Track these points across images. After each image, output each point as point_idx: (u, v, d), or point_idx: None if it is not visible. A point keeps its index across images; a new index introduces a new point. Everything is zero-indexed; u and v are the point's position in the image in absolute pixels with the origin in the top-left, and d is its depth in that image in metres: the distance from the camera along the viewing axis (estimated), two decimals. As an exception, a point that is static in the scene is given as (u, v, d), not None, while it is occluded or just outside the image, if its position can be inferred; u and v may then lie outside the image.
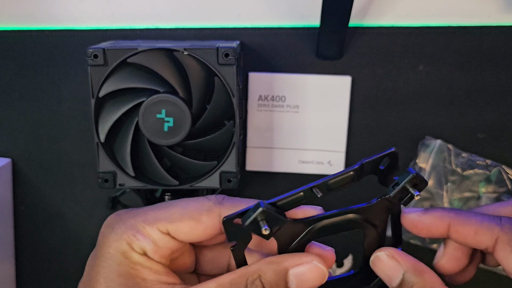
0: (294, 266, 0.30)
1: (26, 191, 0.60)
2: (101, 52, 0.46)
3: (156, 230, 0.31)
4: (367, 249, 0.32)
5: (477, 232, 0.30)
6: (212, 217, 0.32)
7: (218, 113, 0.49)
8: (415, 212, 0.32)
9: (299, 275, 0.29)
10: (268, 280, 0.29)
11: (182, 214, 0.31)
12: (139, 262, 0.31)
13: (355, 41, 0.55)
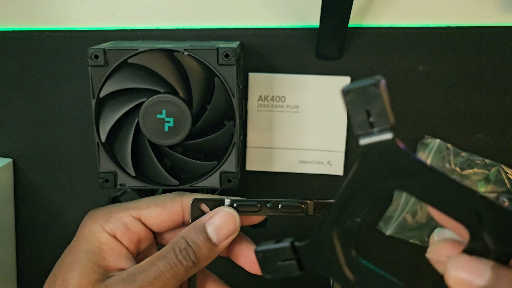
0: (208, 219, 0.34)
1: (27, 191, 0.60)
2: (101, 52, 0.46)
3: (128, 215, 0.37)
4: None
5: None
6: (175, 204, 0.38)
7: (218, 113, 0.49)
8: None
9: (213, 224, 0.34)
10: (191, 237, 0.33)
11: (150, 203, 0.38)
12: (107, 243, 0.35)
13: (354, 41, 0.55)
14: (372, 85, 0.23)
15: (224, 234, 0.34)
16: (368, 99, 0.23)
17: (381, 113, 0.23)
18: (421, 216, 0.56)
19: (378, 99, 0.23)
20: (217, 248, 0.34)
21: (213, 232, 0.34)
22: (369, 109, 0.23)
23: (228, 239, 0.34)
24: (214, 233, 0.34)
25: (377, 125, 0.23)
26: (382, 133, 0.24)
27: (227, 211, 0.35)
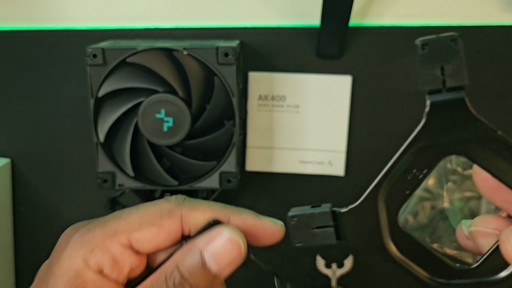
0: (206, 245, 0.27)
1: (25, 192, 0.60)
2: (100, 51, 0.46)
3: (116, 243, 0.28)
4: None
5: None
6: (174, 220, 0.29)
7: (218, 113, 0.49)
8: None
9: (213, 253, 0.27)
10: (186, 267, 0.27)
11: (142, 221, 0.29)
12: (92, 281, 0.28)
13: (355, 40, 0.55)
14: (452, 40, 0.22)
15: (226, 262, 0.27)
16: (445, 54, 0.22)
17: (456, 70, 0.22)
18: (423, 217, 0.56)
19: (456, 55, 0.22)
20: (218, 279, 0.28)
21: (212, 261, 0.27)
22: (444, 65, 0.22)
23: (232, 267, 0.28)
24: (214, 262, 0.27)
25: (450, 83, 0.23)
26: (453, 92, 0.23)
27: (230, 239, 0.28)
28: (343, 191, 0.58)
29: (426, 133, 0.24)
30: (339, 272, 0.59)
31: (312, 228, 0.26)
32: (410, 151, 0.24)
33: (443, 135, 0.23)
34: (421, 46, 0.23)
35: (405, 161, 0.24)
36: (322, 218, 0.26)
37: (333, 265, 0.59)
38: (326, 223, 0.26)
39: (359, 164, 0.57)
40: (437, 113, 0.23)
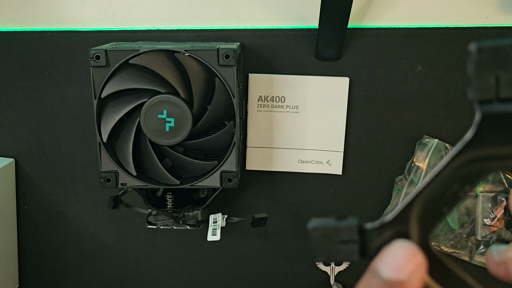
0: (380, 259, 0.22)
1: (28, 191, 0.60)
2: (103, 53, 0.47)
3: None
4: None
5: None
6: None
7: (219, 114, 0.49)
8: None
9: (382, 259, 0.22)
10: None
11: None
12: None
13: (353, 42, 0.55)
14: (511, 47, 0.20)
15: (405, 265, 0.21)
16: (502, 61, 0.20)
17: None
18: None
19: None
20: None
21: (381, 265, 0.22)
22: (499, 74, 0.20)
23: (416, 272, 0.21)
24: (383, 266, 0.21)
25: (505, 93, 0.20)
26: (506, 103, 0.20)
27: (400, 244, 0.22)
28: (341, 190, 0.58)
29: (474, 146, 0.21)
30: (337, 269, 0.60)
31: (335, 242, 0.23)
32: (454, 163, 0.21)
33: (493, 148, 0.21)
34: (477, 51, 0.20)
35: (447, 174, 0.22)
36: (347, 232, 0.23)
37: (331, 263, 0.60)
38: (351, 238, 0.23)
39: (357, 163, 0.58)
40: (488, 125, 0.21)
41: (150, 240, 0.61)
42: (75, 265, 0.62)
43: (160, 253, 0.62)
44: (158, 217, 0.54)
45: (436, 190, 0.22)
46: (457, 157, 0.21)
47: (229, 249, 0.61)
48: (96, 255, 0.62)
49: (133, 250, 0.61)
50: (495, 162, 0.21)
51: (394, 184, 0.58)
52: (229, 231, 0.59)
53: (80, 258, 0.62)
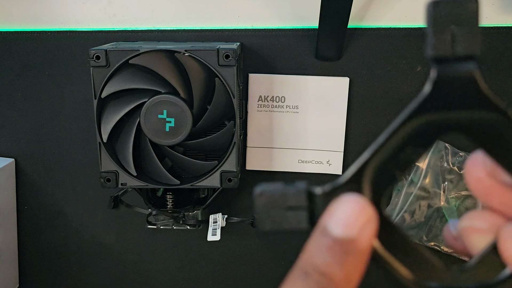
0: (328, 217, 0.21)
1: (29, 191, 0.60)
2: (103, 53, 0.47)
3: None
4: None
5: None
6: None
7: (219, 114, 0.49)
8: None
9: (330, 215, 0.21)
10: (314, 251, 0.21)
11: None
12: None
13: (353, 42, 0.55)
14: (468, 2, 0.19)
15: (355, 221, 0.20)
16: (458, 17, 0.19)
17: (470, 37, 0.19)
18: (420, 215, 0.56)
19: (471, 20, 0.19)
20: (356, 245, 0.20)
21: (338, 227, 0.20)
22: (456, 30, 0.19)
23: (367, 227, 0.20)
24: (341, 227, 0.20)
25: (461, 50, 0.19)
26: (463, 62, 0.20)
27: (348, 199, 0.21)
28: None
29: (428, 106, 0.20)
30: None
31: (283, 209, 0.21)
32: (408, 125, 0.21)
33: (447, 109, 0.20)
34: (433, 4, 0.20)
35: (401, 136, 0.21)
36: (295, 198, 0.21)
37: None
38: (299, 204, 0.21)
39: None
40: (443, 85, 0.20)
41: (150, 240, 0.61)
42: (75, 265, 0.62)
43: (160, 253, 0.62)
44: (158, 217, 0.54)
45: (388, 153, 0.21)
46: (410, 119, 0.20)
47: (229, 249, 0.61)
48: (96, 255, 0.62)
49: (133, 250, 0.61)
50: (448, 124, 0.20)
51: (394, 184, 0.58)
52: (229, 231, 0.59)
53: (80, 258, 0.62)
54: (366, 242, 0.20)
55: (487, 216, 0.22)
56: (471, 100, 0.20)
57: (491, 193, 0.21)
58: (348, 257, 0.20)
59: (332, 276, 0.19)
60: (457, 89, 0.20)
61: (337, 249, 0.20)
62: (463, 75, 0.20)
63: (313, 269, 0.20)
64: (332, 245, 0.20)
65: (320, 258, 0.20)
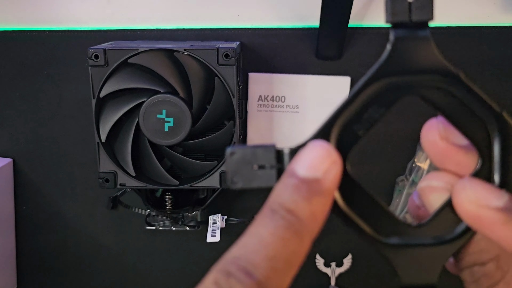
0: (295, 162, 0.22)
1: (26, 191, 0.60)
2: (101, 52, 0.46)
3: None
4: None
5: None
6: None
7: (218, 113, 0.49)
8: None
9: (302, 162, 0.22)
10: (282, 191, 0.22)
11: None
12: None
13: (354, 41, 0.55)
14: None
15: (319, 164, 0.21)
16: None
17: (424, 4, 0.21)
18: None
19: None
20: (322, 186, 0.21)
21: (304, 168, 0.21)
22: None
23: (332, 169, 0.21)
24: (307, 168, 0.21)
25: (416, 16, 0.21)
26: (418, 28, 0.22)
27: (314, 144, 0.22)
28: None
29: (386, 69, 0.22)
30: (338, 271, 0.60)
31: (252, 167, 0.22)
32: (369, 87, 0.22)
33: (404, 73, 0.22)
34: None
35: (363, 97, 0.22)
36: (264, 156, 0.22)
37: (332, 264, 0.60)
38: (269, 163, 0.22)
39: (358, 163, 0.57)
40: (400, 49, 0.22)
41: (149, 241, 0.61)
42: (74, 266, 0.62)
43: (159, 254, 0.61)
44: (157, 218, 0.53)
45: (353, 113, 0.23)
46: (371, 82, 0.22)
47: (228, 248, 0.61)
48: (95, 256, 0.61)
49: (132, 251, 0.61)
50: (406, 87, 0.22)
51: (395, 185, 0.58)
52: (229, 232, 0.59)
53: (78, 259, 0.62)
54: (331, 183, 0.21)
55: (443, 176, 0.23)
56: (426, 64, 0.22)
57: (445, 155, 0.23)
58: (314, 196, 0.21)
59: (298, 213, 0.20)
60: (413, 54, 0.22)
61: (303, 188, 0.21)
62: (418, 39, 0.22)
63: (280, 206, 0.20)
64: (298, 185, 0.21)
65: (287, 197, 0.21)
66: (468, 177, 0.22)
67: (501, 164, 0.22)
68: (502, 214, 0.20)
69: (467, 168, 0.22)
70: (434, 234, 0.22)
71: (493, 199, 0.20)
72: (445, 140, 0.23)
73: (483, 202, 0.20)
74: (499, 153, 0.21)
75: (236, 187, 0.22)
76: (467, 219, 0.21)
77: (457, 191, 0.21)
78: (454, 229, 0.22)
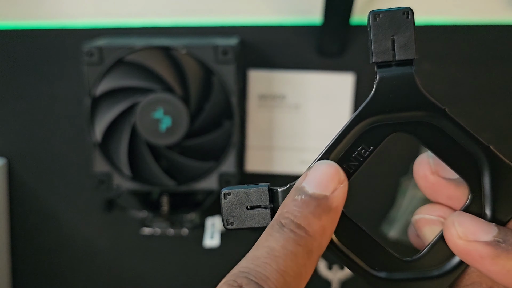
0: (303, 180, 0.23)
1: (21, 193, 0.59)
2: (97, 50, 0.46)
3: None
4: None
5: None
6: None
7: (217, 112, 0.48)
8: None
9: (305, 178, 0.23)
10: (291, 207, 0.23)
11: None
12: None
13: (357, 37, 0.54)
14: (404, 13, 0.22)
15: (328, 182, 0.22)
16: (396, 26, 0.22)
17: (407, 44, 0.22)
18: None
19: (407, 28, 0.22)
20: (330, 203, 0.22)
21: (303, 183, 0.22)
22: (395, 38, 0.22)
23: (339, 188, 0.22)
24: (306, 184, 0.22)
25: (400, 55, 0.22)
26: (402, 66, 0.22)
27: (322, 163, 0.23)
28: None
29: (373, 108, 0.23)
30: (340, 274, 0.59)
31: (246, 207, 0.23)
32: (357, 126, 0.23)
33: (391, 111, 0.23)
34: (373, 16, 0.23)
35: (352, 136, 0.23)
36: (258, 197, 0.23)
37: (334, 267, 0.59)
38: (262, 203, 0.23)
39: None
40: (385, 88, 0.22)
41: (145, 244, 0.60)
42: (68, 270, 0.61)
43: (155, 258, 0.61)
44: (153, 221, 0.53)
45: (343, 151, 0.23)
46: (358, 120, 0.23)
47: (227, 254, 0.60)
48: (90, 259, 0.61)
49: (128, 255, 0.61)
50: (394, 125, 0.23)
51: (399, 185, 0.57)
52: (227, 235, 0.58)
53: (73, 263, 0.61)
54: (339, 201, 0.22)
55: (436, 208, 0.24)
56: (412, 101, 0.22)
57: (437, 188, 0.24)
58: (323, 212, 0.21)
59: (307, 228, 0.21)
60: (399, 92, 0.22)
61: (313, 204, 0.21)
62: (402, 78, 0.22)
63: (290, 221, 0.21)
64: (308, 200, 0.21)
65: (296, 212, 0.21)
66: (458, 212, 0.22)
67: (491, 198, 0.22)
68: (491, 248, 0.20)
69: (458, 201, 0.23)
70: (428, 267, 0.23)
71: (482, 233, 0.21)
72: (435, 174, 0.24)
73: (472, 237, 0.21)
74: (490, 186, 0.22)
75: (231, 228, 0.23)
76: (458, 254, 0.22)
77: (447, 226, 0.22)
78: (448, 262, 0.22)
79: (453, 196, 0.23)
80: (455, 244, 0.21)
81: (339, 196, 0.22)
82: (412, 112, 0.22)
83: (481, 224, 0.21)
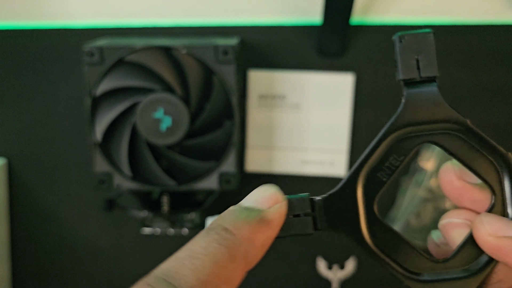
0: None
1: (21, 192, 0.59)
2: (97, 50, 0.46)
3: None
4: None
5: None
6: None
7: (217, 112, 0.48)
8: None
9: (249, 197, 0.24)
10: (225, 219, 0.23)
11: None
12: None
13: (357, 37, 0.54)
14: (426, 34, 0.25)
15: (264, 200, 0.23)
16: (420, 47, 0.25)
17: (430, 63, 0.25)
18: (425, 218, 0.56)
19: (429, 49, 0.25)
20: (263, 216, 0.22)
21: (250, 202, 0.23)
22: (419, 57, 0.25)
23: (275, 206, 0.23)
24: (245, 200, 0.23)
25: (424, 73, 0.25)
26: (427, 84, 0.25)
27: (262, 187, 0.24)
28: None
29: (402, 122, 0.25)
30: (340, 274, 0.59)
31: (289, 216, 0.25)
32: (387, 139, 0.25)
33: (418, 124, 0.25)
34: (399, 38, 0.25)
35: (383, 148, 0.25)
36: (300, 206, 0.25)
37: (334, 267, 0.59)
38: (304, 211, 0.25)
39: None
40: (412, 102, 0.25)
41: (145, 244, 0.60)
42: (69, 270, 0.61)
43: (156, 258, 0.60)
44: (154, 220, 0.53)
45: (375, 163, 0.25)
46: (388, 134, 0.25)
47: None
48: (90, 259, 0.61)
49: (128, 255, 0.60)
50: (421, 136, 0.25)
51: (399, 185, 0.57)
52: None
53: (74, 262, 0.61)
54: (274, 216, 0.23)
55: (462, 213, 0.25)
56: (437, 115, 0.25)
57: (462, 193, 0.25)
58: (253, 220, 0.22)
59: (233, 231, 0.21)
60: (425, 106, 0.25)
61: (244, 213, 0.22)
62: (428, 93, 0.25)
63: (218, 226, 0.21)
64: (240, 210, 0.22)
65: (227, 218, 0.22)
66: (485, 213, 0.24)
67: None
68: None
69: (482, 204, 0.25)
70: (459, 268, 0.25)
71: (509, 229, 0.23)
72: (461, 179, 0.25)
73: (501, 233, 0.23)
74: (510, 189, 0.24)
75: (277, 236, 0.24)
76: (488, 250, 0.23)
77: (477, 226, 0.24)
78: (477, 261, 0.24)
79: (477, 200, 0.25)
80: (485, 241, 0.23)
81: (275, 212, 0.23)
82: (437, 124, 0.25)
83: (507, 222, 0.23)
